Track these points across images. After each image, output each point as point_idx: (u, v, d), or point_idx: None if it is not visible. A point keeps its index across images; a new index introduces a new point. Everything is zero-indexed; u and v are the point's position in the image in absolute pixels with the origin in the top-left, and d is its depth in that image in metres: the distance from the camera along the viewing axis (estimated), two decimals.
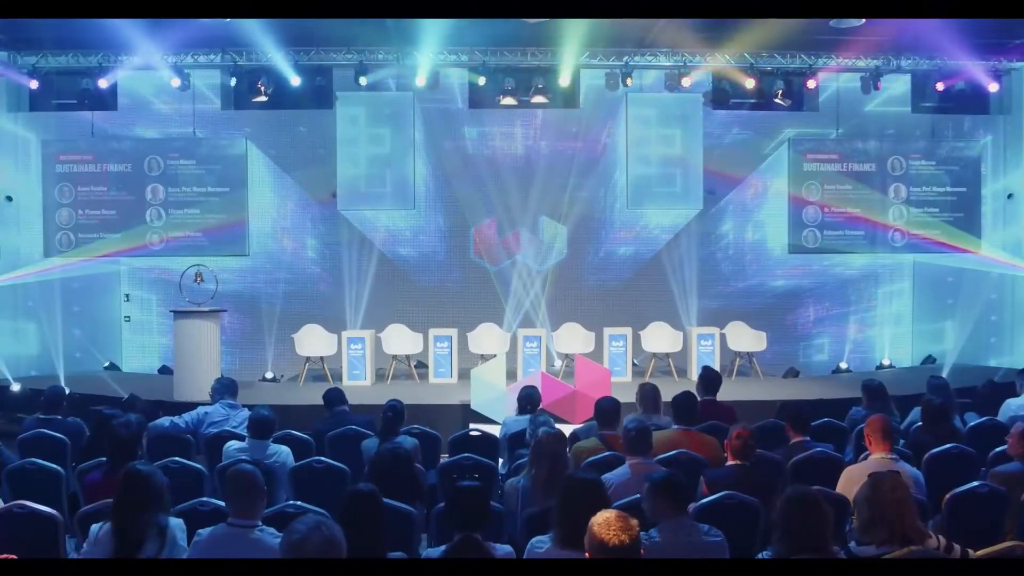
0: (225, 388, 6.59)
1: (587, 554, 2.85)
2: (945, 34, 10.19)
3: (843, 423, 6.29)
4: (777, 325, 12.14)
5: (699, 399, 5.96)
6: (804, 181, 11.91)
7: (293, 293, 12.05)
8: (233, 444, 5.37)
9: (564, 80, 11.28)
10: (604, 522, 2.80)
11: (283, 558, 2.77)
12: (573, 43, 10.69)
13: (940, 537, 3.33)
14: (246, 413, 6.18)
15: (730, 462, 4.53)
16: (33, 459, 5.06)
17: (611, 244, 12.24)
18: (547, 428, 4.64)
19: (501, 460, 5.96)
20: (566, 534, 3.27)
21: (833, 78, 11.78)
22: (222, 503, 3.93)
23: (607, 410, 5.46)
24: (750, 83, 11.21)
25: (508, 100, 11.43)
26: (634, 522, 2.83)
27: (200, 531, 3.57)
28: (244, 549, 3.44)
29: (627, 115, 11.86)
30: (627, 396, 6.49)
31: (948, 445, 5.13)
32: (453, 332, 10.55)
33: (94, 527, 3.61)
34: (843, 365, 12.10)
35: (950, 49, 10.86)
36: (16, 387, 9.82)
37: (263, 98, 11.21)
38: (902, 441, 5.58)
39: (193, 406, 6.59)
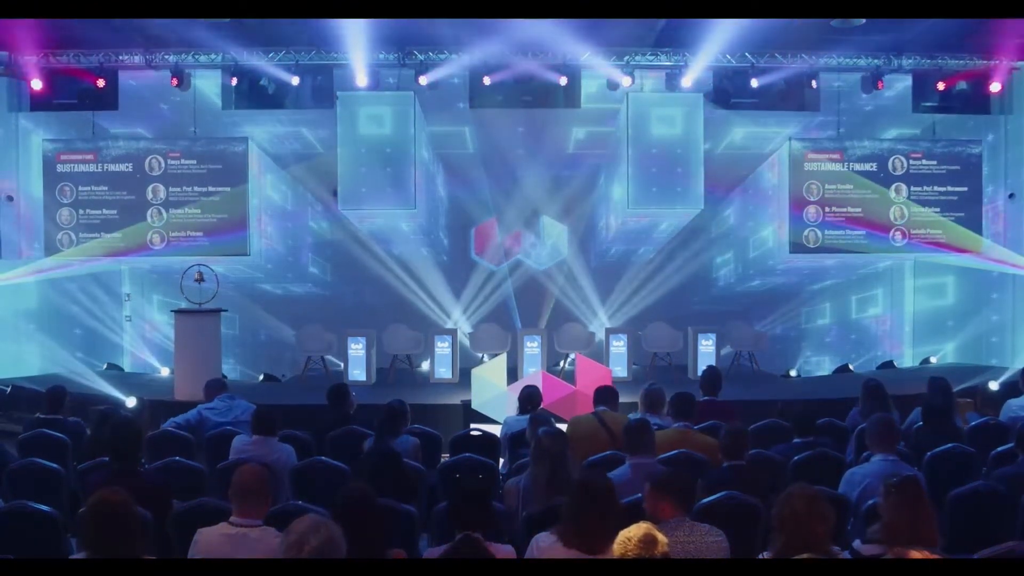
0: (217, 387, 6.60)
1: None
2: (945, 34, 10.17)
3: (844, 423, 6.28)
4: (777, 324, 12.13)
5: (700, 398, 5.98)
6: (804, 181, 11.89)
7: (293, 293, 12.06)
8: (241, 439, 5.34)
9: (563, 80, 11.27)
10: (625, 539, 2.85)
11: (283, 558, 2.76)
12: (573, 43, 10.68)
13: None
14: (244, 403, 6.27)
15: (725, 463, 4.53)
16: (34, 458, 5.06)
17: (611, 244, 12.23)
18: (547, 428, 4.64)
19: (501, 460, 5.95)
20: (572, 533, 3.29)
21: (834, 77, 11.76)
22: (223, 503, 3.91)
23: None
24: (751, 83, 11.20)
25: (508, 100, 11.42)
26: (662, 539, 2.85)
27: (200, 530, 3.55)
28: (245, 549, 3.43)
29: (627, 115, 11.85)
30: (627, 396, 6.49)
31: (948, 445, 5.12)
32: (453, 332, 10.54)
33: None
34: (843, 365, 12.09)
35: (951, 49, 10.84)
36: (15, 387, 9.81)
37: (263, 98, 11.20)
38: (902, 442, 5.57)
39: (193, 406, 6.58)
